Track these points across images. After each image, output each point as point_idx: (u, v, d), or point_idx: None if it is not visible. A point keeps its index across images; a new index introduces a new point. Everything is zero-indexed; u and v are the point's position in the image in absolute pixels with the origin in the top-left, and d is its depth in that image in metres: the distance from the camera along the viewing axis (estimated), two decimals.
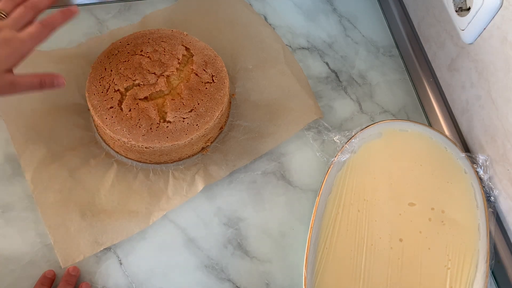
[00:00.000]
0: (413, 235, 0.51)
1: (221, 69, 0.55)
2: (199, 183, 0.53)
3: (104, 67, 0.53)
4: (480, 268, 0.49)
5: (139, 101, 0.51)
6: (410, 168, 0.55)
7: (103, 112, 0.51)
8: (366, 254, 0.50)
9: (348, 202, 0.53)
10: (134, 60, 0.53)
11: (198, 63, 0.54)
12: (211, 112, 0.52)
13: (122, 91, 0.51)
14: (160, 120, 0.50)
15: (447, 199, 0.53)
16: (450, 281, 0.49)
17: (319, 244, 0.50)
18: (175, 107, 0.51)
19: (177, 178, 0.54)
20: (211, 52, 0.56)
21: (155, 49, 0.54)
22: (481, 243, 0.51)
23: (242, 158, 0.56)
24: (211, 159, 0.55)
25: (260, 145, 0.57)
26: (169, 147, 0.51)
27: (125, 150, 0.53)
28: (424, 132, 0.57)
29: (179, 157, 0.54)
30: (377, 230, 0.51)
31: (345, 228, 0.51)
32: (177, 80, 0.53)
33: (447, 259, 0.50)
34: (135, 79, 0.52)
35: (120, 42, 0.55)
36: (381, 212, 0.52)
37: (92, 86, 0.52)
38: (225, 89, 0.54)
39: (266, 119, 0.58)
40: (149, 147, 0.50)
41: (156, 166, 0.54)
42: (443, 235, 0.51)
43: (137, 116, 0.50)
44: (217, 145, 0.57)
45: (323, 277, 0.48)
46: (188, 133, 0.51)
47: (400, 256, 0.50)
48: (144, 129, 0.50)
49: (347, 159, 0.55)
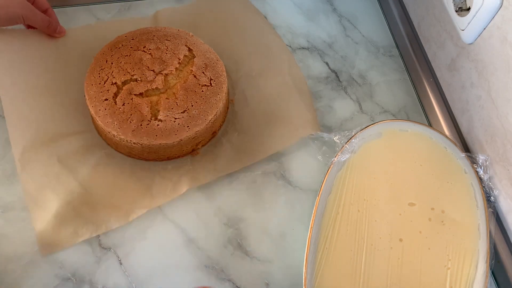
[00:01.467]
0: (413, 235, 0.51)
1: (220, 74, 0.55)
2: (183, 185, 0.53)
3: (106, 59, 0.53)
4: (480, 268, 0.49)
5: (134, 96, 0.51)
6: (410, 168, 0.55)
7: (98, 104, 0.51)
8: (366, 254, 0.50)
9: (348, 202, 0.53)
10: (136, 56, 0.53)
11: (198, 65, 0.54)
12: (204, 115, 0.52)
13: (119, 84, 0.52)
14: (152, 117, 0.51)
15: (447, 199, 0.53)
16: (450, 281, 0.49)
17: (319, 244, 0.50)
18: (168, 106, 0.51)
19: (163, 177, 0.53)
20: (214, 56, 0.56)
21: (158, 47, 0.54)
22: (481, 243, 0.51)
23: (231, 165, 0.55)
24: (200, 162, 0.55)
25: (251, 154, 0.56)
26: (158, 146, 0.51)
27: (115, 143, 0.53)
28: (424, 132, 0.57)
29: (168, 157, 0.54)
30: (377, 230, 0.51)
31: (345, 228, 0.51)
32: (174, 80, 0.53)
33: (447, 259, 0.50)
34: (134, 74, 0.52)
35: (126, 36, 0.56)
36: (381, 212, 0.52)
37: (91, 77, 0.53)
38: (222, 94, 0.54)
39: (261, 128, 0.58)
40: (137, 143, 0.50)
41: (145, 163, 0.54)
42: (443, 235, 0.51)
43: (130, 111, 0.50)
44: (208, 149, 0.56)
45: (323, 277, 0.48)
46: (177, 134, 0.51)
47: (400, 256, 0.50)
48: (135, 125, 0.50)
49: (347, 159, 0.55)
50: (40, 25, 0.56)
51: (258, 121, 0.58)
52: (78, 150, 0.53)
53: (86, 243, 0.50)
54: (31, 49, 0.57)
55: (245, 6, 0.68)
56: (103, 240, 0.50)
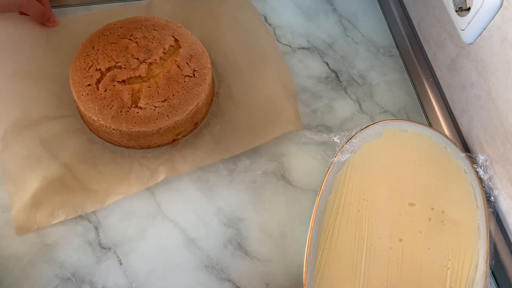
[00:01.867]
0: (413, 235, 0.51)
1: (205, 65, 0.55)
2: (161, 174, 0.53)
3: (93, 45, 0.54)
4: (480, 268, 0.49)
5: (116, 83, 0.52)
6: (410, 168, 0.55)
7: (81, 89, 0.52)
8: (366, 254, 0.50)
9: (348, 202, 0.53)
10: (122, 43, 0.54)
11: (182, 55, 0.55)
12: (184, 105, 0.52)
13: (103, 71, 0.52)
14: (132, 104, 0.51)
15: (447, 199, 0.53)
16: (450, 281, 0.49)
17: (319, 244, 0.50)
18: (149, 94, 0.52)
19: (142, 165, 0.54)
20: (200, 48, 0.57)
21: (145, 36, 0.55)
22: (481, 243, 0.51)
23: (210, 157, 0.55)
24: (180, 152, 0.55)
25: (231, 146, 0.56)
26: (137, 133, 0.51)
27: (96, 129, 0.54)
28: (424, 132, 0.57)
29: (148, 145, 0.55)
30: (377, 230, 0.51)
31: (345, 228, 0.51)
32: (158, 69, 0.53)
33: (447, 259, 0.50)
34: (118, 61, 0.53)
35: (114, 24, 0.56)
36: (381, 212, 0.52)
37: (76, 62, 0.53)
38: (204, 85, 0.54)
39: (243, 122, 0.58)
40: (116, 129, 0.51)
41: (125, 150, 0.55)
42: (443, 235, 0.51)
43: (111, 97, 0.51)
44: (189, 139, 0.57)
45: (323, 276, 0.48)
46: (157, 122, 0.51)
47: (400, 256, 0.50)
48: (115, 111, 0.51)
49: (347, 159, 0.55)
50: (34, 14, 0.57)
51: (241, 115, 0.59)
52: (61, 134, 0.54)
53: (86, 243, 0.50)
54: (23, 35, 0.59)
55: (238, 0, 0.68)
56: (103, 240, 0.50)
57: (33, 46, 0.59)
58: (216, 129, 0.58)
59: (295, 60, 0.66)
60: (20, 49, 0.58)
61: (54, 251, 0.49)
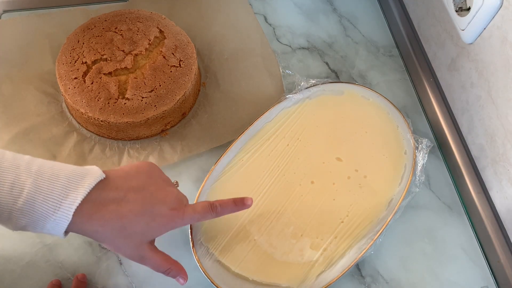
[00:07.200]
0: (325, 183, 0.53)
1: (190, 55, 0.56)
2: None
3: (78, 39, 0.55)
4: (366, 241, 0.49)
5: (102, 75, 0.52)
6: (354, 131, 0.57)
7: (68, 82, 0.52)
8: (274, 180, 0.53)
9: (281, 134, 0.56)
10: (107, 36, 0.54)
11: (168, 46, 0.55)
12: (171, 95, 0.53)
13: (89, 63, 0.53)
14: (119, 96, 0.52)
15: (374, 168, 0.55)
16: (336, 233, 0.50)
17: (237, 154, 0.54)
18: (136, 85, 0.52)
19: (131, 156, 0.55)
20: (185, 38, 0.57)
21: (130, 28, 0.55)
22: (384, 216, 0.51)
23: (198, 146, 0.56)
24: (169, 142, 0.56)
25: (219, 135, 0.57)
26: (125, 124, 0.52)
27: (85, 121, 0.54)
28: (384, 106, 0.59)
29: (137, 136, 0.55)
30: (295, 166, 0.54)
31: (267, 153, 0.55)
32: (144, 60, 0.54)
33: (345, 215, 0.52)
34: (104, 54, 0.53)
35: (99, 18, 0.57)
36: (307, 154, 0.55)
37: (62, 56, 0.54)
38: (190, 75, 0.55)
39: (231, 111, 0.59)
40: (104, 121, 0.52)
41: (114, 142, 0.56)
42: (354, 195, 0.53)
43: (98, 89, 0.52)
44: (178, 129, 0.57)
45: (227, 179, 0.53)
46: (144, 113, 0.52)
47: (304, 194, 0.53)
48: (102, 103, 0.51)
49: (300, 100, 0.58)
50: (155, 270, 0.43)
51: (228, 104, 0.59)
52: (49, 128, 0.55)
53: (86, 243, 0.50)
54: (15, 34, 0.61)
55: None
56: None
57: (23, 46, 0.60)
58: (204, 119, 0.58)
59: (295, 60, 0.66)
60: (9, 47, 0.60)
61: (54, 251, 0.49)
